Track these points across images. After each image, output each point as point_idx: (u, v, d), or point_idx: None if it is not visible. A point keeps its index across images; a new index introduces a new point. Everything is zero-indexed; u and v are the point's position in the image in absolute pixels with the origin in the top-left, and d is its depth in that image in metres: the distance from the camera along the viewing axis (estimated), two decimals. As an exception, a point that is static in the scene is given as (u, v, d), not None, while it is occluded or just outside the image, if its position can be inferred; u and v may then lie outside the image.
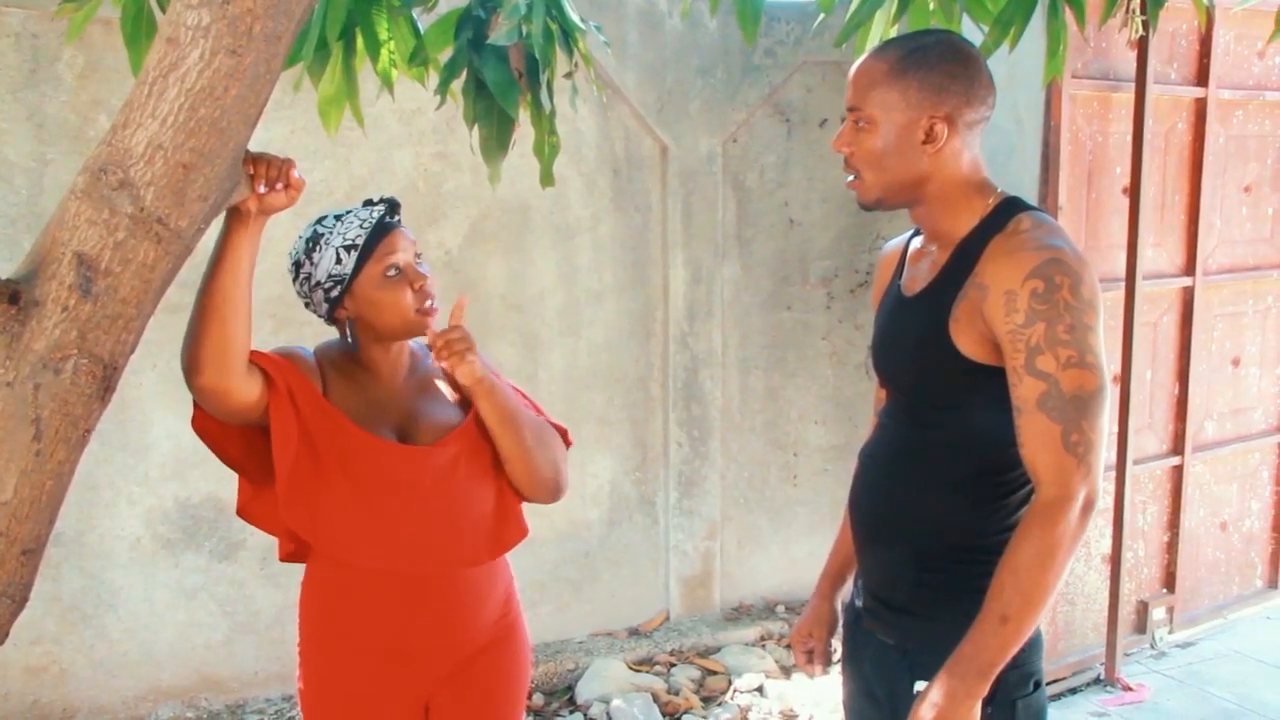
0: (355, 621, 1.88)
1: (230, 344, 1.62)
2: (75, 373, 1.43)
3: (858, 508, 1.80)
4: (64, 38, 2.89)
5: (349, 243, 1.83)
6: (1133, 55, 3.57)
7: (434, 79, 2.11)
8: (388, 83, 2.04)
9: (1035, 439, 1.50)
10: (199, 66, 1.41)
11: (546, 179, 2.08)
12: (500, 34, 1.84)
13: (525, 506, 2.01)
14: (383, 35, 1.99)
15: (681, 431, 4.08)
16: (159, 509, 3.35)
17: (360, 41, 2.07)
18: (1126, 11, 3.35)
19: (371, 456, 1.83)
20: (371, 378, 1.91)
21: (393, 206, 1.92)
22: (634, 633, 4.09)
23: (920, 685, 1.60)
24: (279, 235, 3.34)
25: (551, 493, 1.99)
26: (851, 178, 1.69)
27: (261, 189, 1.60)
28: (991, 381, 1.57)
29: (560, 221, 3.82)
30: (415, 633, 1.88)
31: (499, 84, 1.95)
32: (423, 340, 1.95)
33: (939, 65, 1.61)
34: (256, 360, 1.72)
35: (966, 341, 1.58)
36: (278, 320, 3.37)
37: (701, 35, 3.89)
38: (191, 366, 1.63)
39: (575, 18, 1.98)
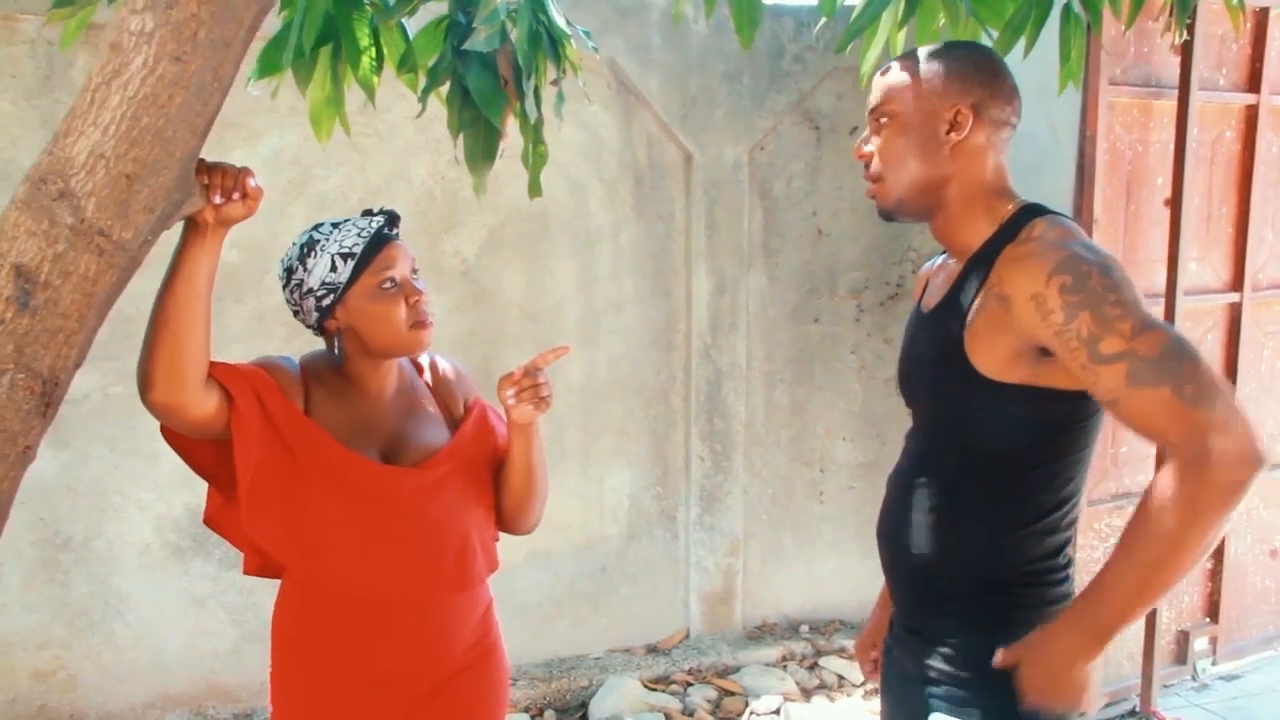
0: (329, 644, 1.82)
1: (184, 360, 1.57)
2: (12, 388, 1.38)
3: (882, 538, 1.74)
4: (74, 44, 2.88)
5: (346, 250, 1.77)
6: (1176, 61, 3.41)
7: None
8: (368, 90, 1.97)
9: (1149, 414, 1.33)
10: (142, 73, 1.36)
11: (534, 189, 2.01)
12: (478, 40, 1.77)
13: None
14: (363, 42, 1.92)
15: (703, 445, 3.99)
16: (169, 516, 3.33)
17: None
18: (1170, 15, 3.21)
19: (353, 475, 1.77)
20: (358, 394, 1.84)
21: (392, 219, 1.85)
22: (652, 650, 4.00)
23: (937, 717, 1.54)
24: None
25: (532, 529, 2.01)
26: (871, 184, 1.63)
27: (217, 199, 1.54)
28: (1010, 400, 1.49)
29: (580, 230, 3.74)
30: (392, 657, 1.82)
31: (483, 91, 1.88)
32: (417, 356, 1.88)
33: (964, 57, 1.58)
34: (216, 374, 1.66)
35: (986, 357, 1.49)
36: (290, 328, 3.33)
37: (728, 40, 3.79)
38: (143, 382, 1.57)
39: (561, 22, 1.90)
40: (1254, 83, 3.60)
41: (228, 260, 3.27)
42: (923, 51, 1.61)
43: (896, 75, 1.60)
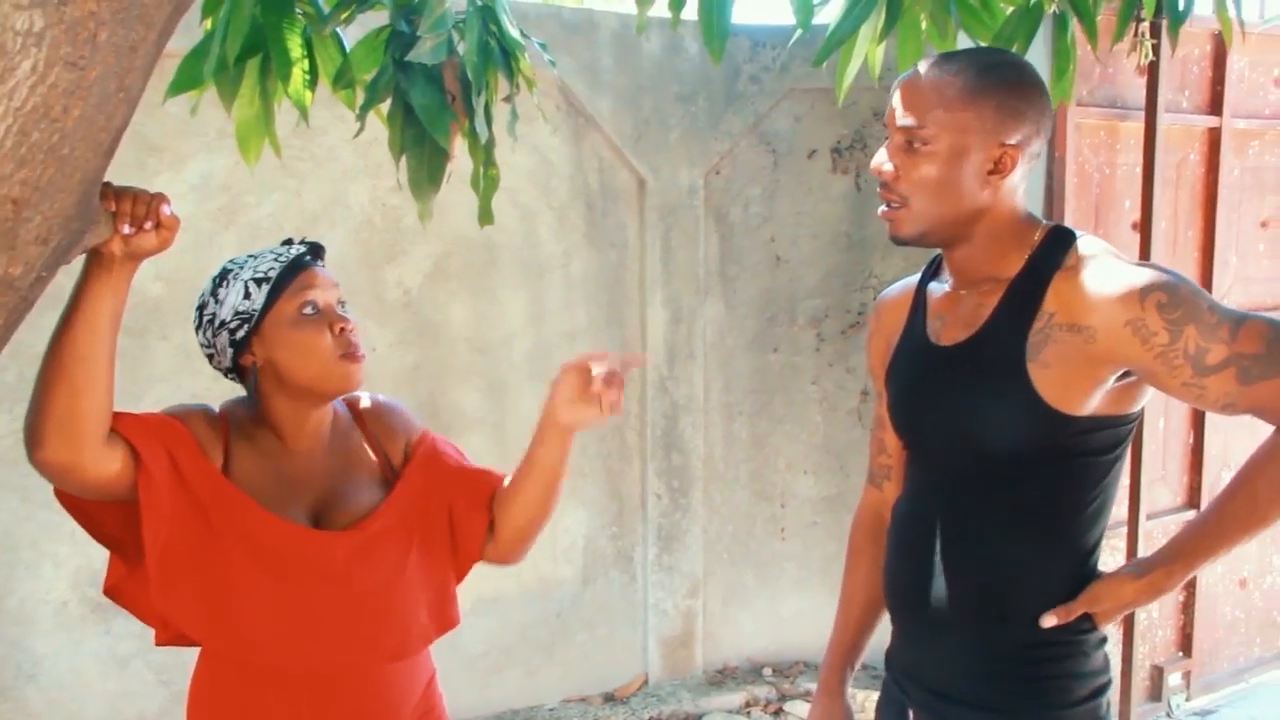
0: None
1: (81, 413, 1.36)
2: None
3: (903, 595, 1.58)
4: None
5: (260, 275, 1.56)
6: (1142, 82, 3.33)
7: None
8: (301, 108, 1.79)
9: (1270, 403, 1.34)
10: (30, 81, 1.15)
11: (485, 217, 1.83)
12: (423, 51, 1.59)
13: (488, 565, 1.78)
14: (295, 53, 1.74)
15: (661, 482, 3.81)
16: (87, 569, 3.07)
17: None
18: (1135, 35, 3.13)
19: (275, 540, 1.56)
20: (284, 447, 1.62)
21: (315, 250, 1.65)
22: (609, 698, 3.81)
23: None
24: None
25: (525, 555, 1.81)
26: (889, 206, 1.47)
27: (126, 229, 1.34)
28: (1080, 432, 1.41)
29: (529, 259, 3.57)
30: None
31: (427, 108, 1.70)
32: (347, 393, 1.67)
33: (1017, 88, 1.43)
34: (122, 429, 1.45)
35: (1054, 388, 1.39)
36: (220, 365, 3.12)
37: (681, 61, 3.66)
38: (31, 438, 1.37)
39: (515, 33, 1.73)
40: (1216, 106, 3.54)
41: (151, 294, 3.06)
42: (973, 65, 1.44)
43: (941, 95, 1.43)
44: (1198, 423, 3.62)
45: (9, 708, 3.04)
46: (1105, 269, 1.39)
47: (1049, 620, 1.44)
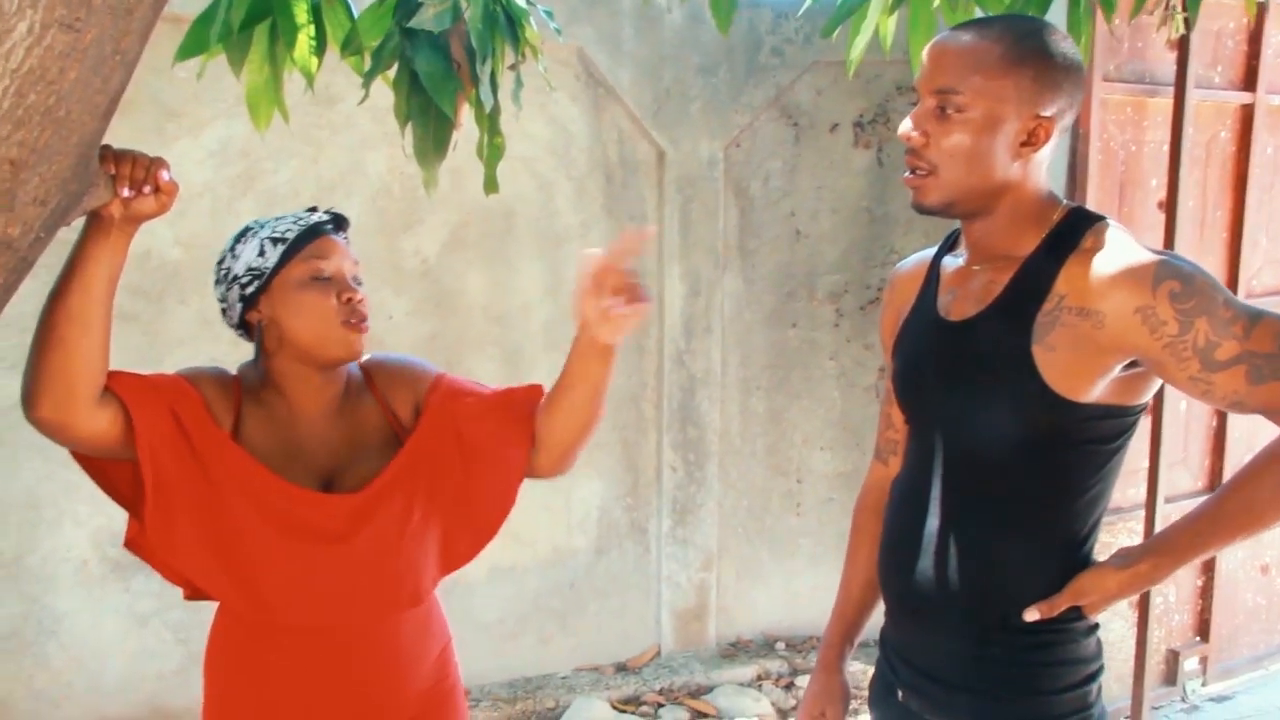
0: (267, 679, 1.64)
1: (74, 373, 1.38)
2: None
3: (896, 573, 1.56)
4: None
5: (277, 236, 1.57)
6: (1173, 57, 3.27)
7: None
8: (307, 74, 1.79)
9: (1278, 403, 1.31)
10: (26, 43, 1.16)
11: (490, 185, 1.83)
12: (426, 18, 1.59)
13: (505, 534, 1.72)
14: (300, 19, 1.74)
15: (676, 455, 3.81)
16: (108, 529, 3.12)
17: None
18: (1166, 9, 3.06)
19: (283, 504, 1.58)
20: (294, 412, 1.63)
21: (338, 221, 1.65)
22: (621, 669, 3.83)
23: None
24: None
25: (573, 464, 1.72)
26: (915, 173, 1.43)
27: (125, 192, 1.35)
28: (1081, 418, 1.38)
29: (547, 229, 3.56)
30: (336, 694, 1.64)
31: (432, 76, 1.70)
32: (346, 363, 1.66)
33: (1056, 57, 1.39)
34: (116, 388, 1.47)
35: (1064, 376, 1.37)
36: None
37: (703, 32, 3.63)
38: (27, 397, 1.39)
39: (520, 0, 1.72)
40: (1250, 81, 3.47)
41: (170, 259, 3.08)
42: (1013, 31, 1.40)
43: (977, 59, 1.38)
44: (1220, 405, 3.58)
45: (31, 663, 3.10)
46: (1120, 254, 1.36)
47: (1031, 615, 1.42)
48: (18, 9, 1.16)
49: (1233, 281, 3.52)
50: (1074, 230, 1.41)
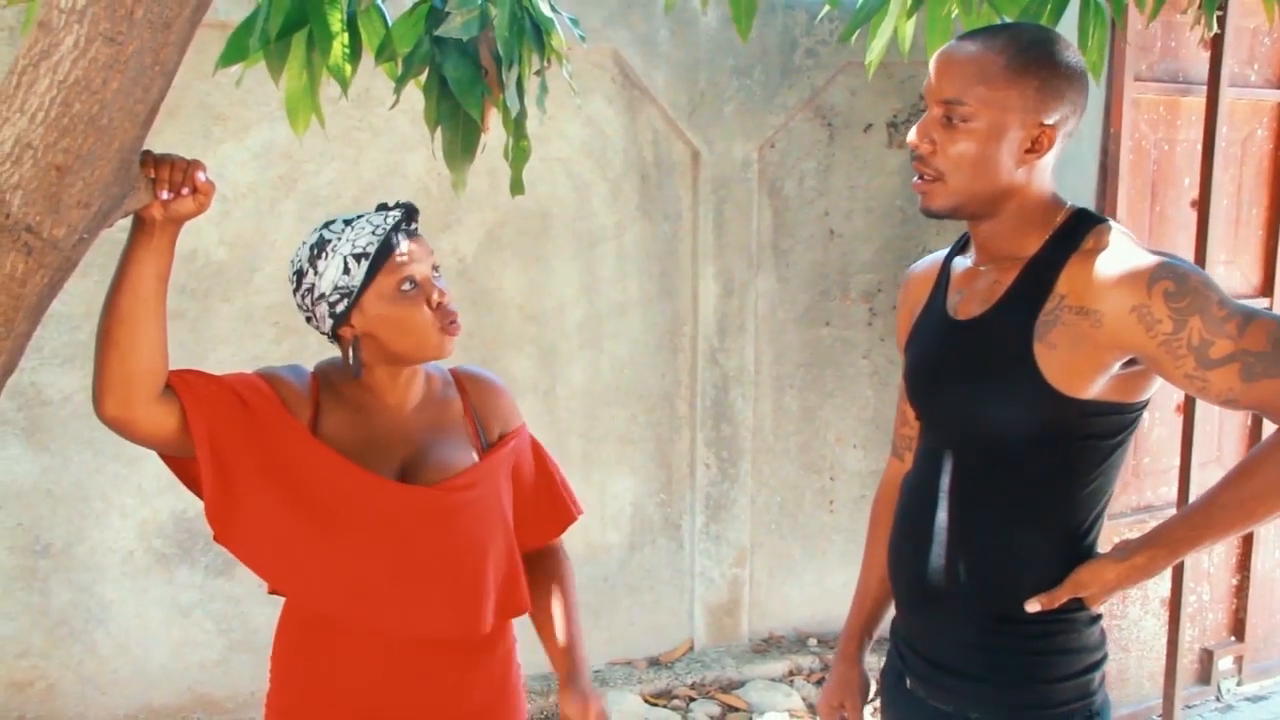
0: (330, 676, 1.68)
1: (130, 373, 1.44)
2: (-69, 400, 1.27)
3: (904, 564, 1.61)
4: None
5: (359, 251, 1.59)
6: (1206, 56, 3.26)
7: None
8: (340, 79, 1.85)
9: (1277, 401, 1.33)
10: (73, 55, 1.24)
11: (516, 187, 1.89)
12: (454, 25, 1.65)
13: None
14: (334, 27, 1.80)
15: (710, 452, 3.86)
16: (153, 522, 3.23)
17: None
18: (1199, 8, 3.06)
19: (362, 495, 1.61)
20: (375, 405, 1.68)
21: (410, 213, 1.69)
22: (654, 663, 3.88)
23: None
24: (281, 241, 3.22)
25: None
26: (923, 178, 1.48)
27: (164, 195, 1.42)
28: (1081, 415, 1.42)
29: (583, 229, 3.62)
30: (398, 695, 1.67)
31: (461, 81, 1.76)
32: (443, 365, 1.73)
33: (1060, 68, 1.43)
34: (177, 385, 1.53)
35: (1063, 373, 1.41)
36: (280, 329, 3.23)
37: (737, 34, 3.65)
38: (95, 397, 1.45)
39: (545, 7, 1.78)
40: (1287, 79, 3.45)
41: (215, 258, 3.18)
42: (1017, 41, 1.43)
43: (981, 70, 1.42)
44: (1257, 405, 3.56)
45: (80, 649, 3.20)
46: (1118, 255, 1.40)
47: (1033, 606, 1.45)
48: (65, 23, 1.23)
49: (1268, 281, 3.50)
50: (1076, 231, 1.45)
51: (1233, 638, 3.71)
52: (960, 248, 1.65)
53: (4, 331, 1.30)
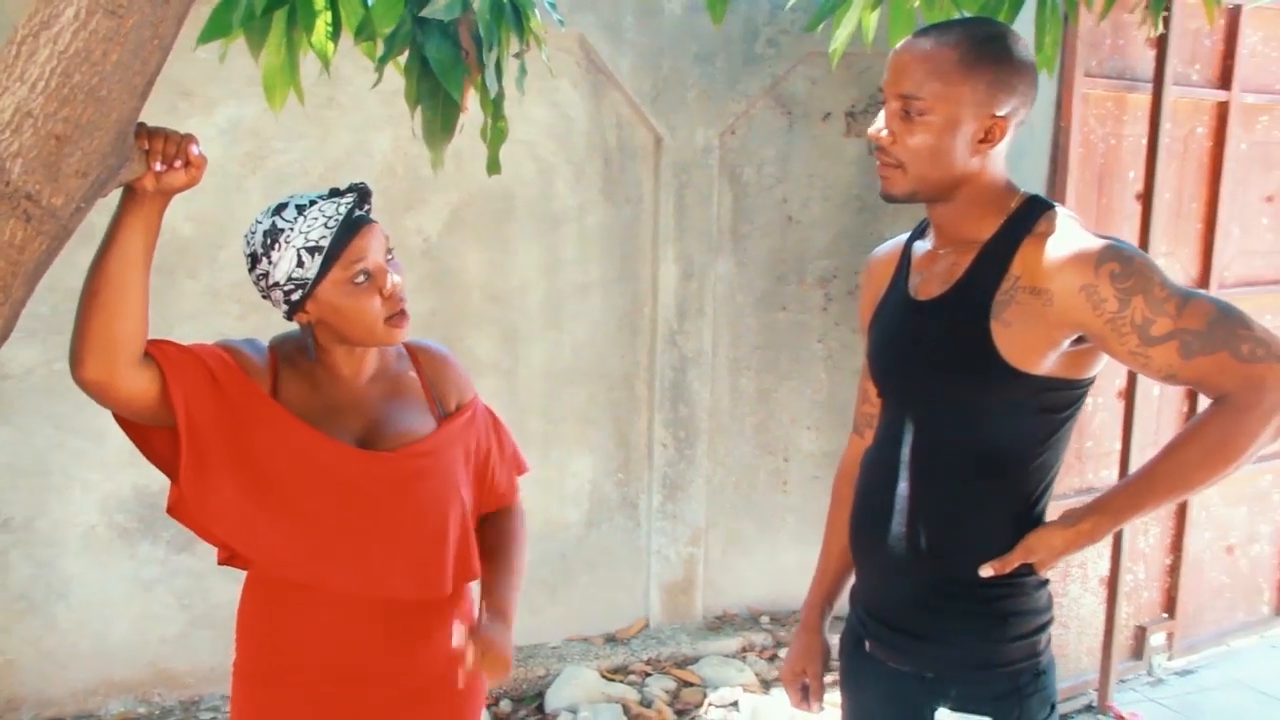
0: (296, 640, 1.73)
1: (114, 336, 1.48)
2: (-70, 362, 1.30)
3: (864, 532, 1.70)
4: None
5: (312, 244, 1.62)
6: (1152, 54, 3.38)
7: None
8: (323, 58, 1.89)
9: (1207, 377, 1.43)
10: (74, 26, 1.27)
11: (493, 166, 1.94)
12: (437, 7, 1.69)
13: None
14: (318, 5, 1.84)
15: (667, 432, 3.93)
16: (115, 496, 3.23)
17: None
18: (1146, 8, 3.17)
19: (324, 460, 1.66)
20: (331, 376, 1.73)
21: (362, 195, 1.70)
22: (610, 639, 3.95)
23: (943, 713, 1.56)
24: (247, 219, 3.22)
25: None
26: (884, 164, 1.57)
27: (158, 166, 1.45)
28: (1033, 391, 1.51)
29: (545, 211, 3.67)
30: (363, 656, 1.73)
31: (442, 62, 1.81)
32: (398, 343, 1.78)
33: (1010, 63, 1.51)
34: (155, 352, 1.57)
35: (1016, 350, 1.49)
36: (245, 306, 3.24)
37: (701, 22, 3.72)
38: (73, 358, 1.49)
39: (526, -8, 1.83)
40: (1225, 80, 3.59)
41: (181, 234, 3.18)
42: (968, 37, 1.51)
43: (935, 66, 1.50)
44: (1192, 390, 3.70)
45: (39, 624, 3.20)
46: (1068, 238, 1.49)
47: (986, 570, 1.54)
48: (66, -5, 1.26)
49: (1206, 271, 3.65)
50: (1029, 216, 1.54)
51: (1165, 615, 3.86)
52: (920, 232, 1.74)
53: (2, 298, 1.33)
